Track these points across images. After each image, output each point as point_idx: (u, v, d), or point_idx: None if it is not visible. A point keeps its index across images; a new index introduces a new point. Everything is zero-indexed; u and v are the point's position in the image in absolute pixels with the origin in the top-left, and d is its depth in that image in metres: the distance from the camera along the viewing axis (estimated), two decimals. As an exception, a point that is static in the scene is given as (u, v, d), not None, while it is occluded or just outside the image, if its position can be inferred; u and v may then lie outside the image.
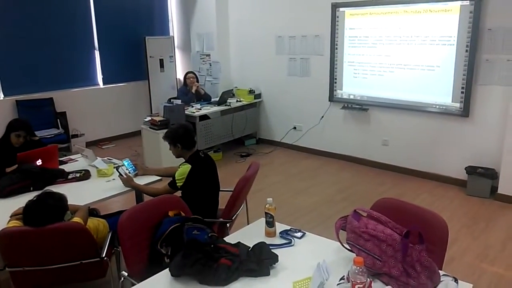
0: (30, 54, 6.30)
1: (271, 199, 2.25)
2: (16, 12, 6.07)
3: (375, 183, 5.24)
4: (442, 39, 4.88)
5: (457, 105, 4.90)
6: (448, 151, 5.11)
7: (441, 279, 1.77)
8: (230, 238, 2.23)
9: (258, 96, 6.90)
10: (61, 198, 2.51)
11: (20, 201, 2.77)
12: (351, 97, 5.85)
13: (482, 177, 4.70)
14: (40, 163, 3.39)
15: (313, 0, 5.97)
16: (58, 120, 6.47)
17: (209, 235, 2.25)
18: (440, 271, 1.81)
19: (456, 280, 1.78)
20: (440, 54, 4.92)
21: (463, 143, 4.98)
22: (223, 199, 3.17)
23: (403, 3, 5.11)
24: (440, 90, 5.01)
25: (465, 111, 4.85)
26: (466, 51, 4.70)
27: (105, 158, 3.83)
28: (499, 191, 4.63)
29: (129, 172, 3.30)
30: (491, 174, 4.68)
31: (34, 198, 2.45)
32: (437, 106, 5.07)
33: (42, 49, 6.41)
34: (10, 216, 2.55)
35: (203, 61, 7.32)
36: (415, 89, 5.22)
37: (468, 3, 4.61)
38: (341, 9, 5.67)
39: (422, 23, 5.00)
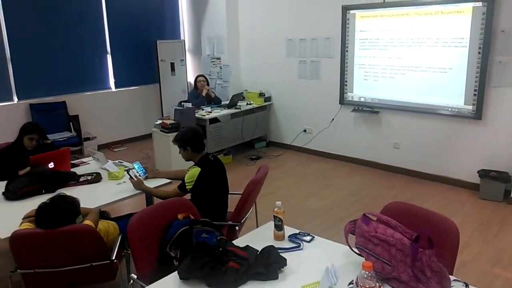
0: (43, 58, 6.40)
1: (279, 202, 2.24)
2: (30, 17, 6.17)
3: (386, 187, 5.20)
4: (454, 41, 4.83)
5: (470, 107, 4.84)
6: (460, 154, 5.05)
7: (452, 285, 1.74)
8: (239, 242, 2.23)
9: (268, 99, 6.90)
10: (74, 202, 2.54)
11: (32, 204, 2.80)
12: (362, 99, 5.82)
13: (495, 181, 4.63)
14: (53, 166, 3.43)
15: (324, 2, 5.97)
16: (71, 123, 6.55)
17: (218, 238, 2.25)
18: (450, 276, 1.79)
19: (467, 286, 1.76)
20: (452, 56, 4.87)
21: (476, 146, 4.91)
22: (233, 202, 3.18)
23: (415, 5, 5.07)
24: (452, 93, 4.96)
25: (477, 114, 4.79)
26: (479, 53, 4.65)
27: (116, 161, 3.86)
28: (513, 195, 4.57)
29: (140, 175, 3.32)
30: (504, 178, 4.61)
31: (47, 201, 2.48)
32: (449, 109, 5.02)
33: (55, 53, 6.51)
34: (23, 218, 2.59)
35: (213, 64, 7.35)
36: (426, 91, 5.17)
37: (481, 5, 4.56)
38: (351, 11, 5.65)
39: (434, 25, 4.95)
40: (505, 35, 4.50)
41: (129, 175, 3.23)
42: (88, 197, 3.02)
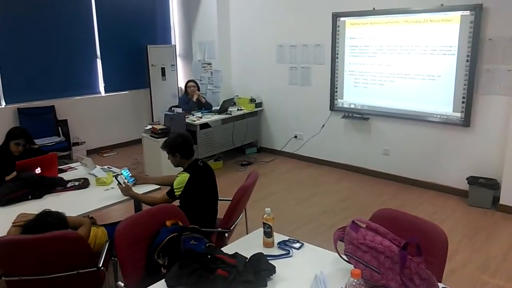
0: (32, 62, 6.33)
1: (269, 209, 2.23)
2: (18, 21, 6.11)
3: (376, 193, 5.21)
4: (442, 49, 4.89)
5: (458, 114, 4.89)
6: (449, 161, 5.09)
7: (440, 292, 1.75)
8: (228, 249, 2.21)
9: (259, 104, 6.91)
10: (60, 217, 2.53)
11: (18, 209, 2.78)
12: (352, 106, 5.85)
13: (484, 188, 4.67)
14: (39, 171, 3.39)
15: (314, 9, 6.01)
16: (60, 128, 6.48)
17: (207, 245, 2.23)
18: (439, 283, 1.79)
19: (455, 293, 1.76)
20: (441, 63, 4.92)
21: (464, 153, 4.95)
22: (222, 208, 3.15)
23: (404, 13, 5.12)
24: (441, 100, 5.00)
25: (466, 121, 4.83)
26: (467, 60, 4.70)
27: (105, 167, 3.83)
28: (501, 201, 4.60)
29: (128, 182, 3.29)
30: (492, 185, 4.65)
31: (33, 219, 2.46)
32: (438, 116, 5.06)
33: (44, 57, 6.45)
34: (12, 223, 2.56)
35: (204, 69, 7.34)
36: (415, 98, 5.21)
37: (469, 13, 4.62)
38: (341, 18, 5.69)
39: (423, 33, 5.00)
40: (492, 44, 4.56)
41: (117, 181, 3.20)
42: (75, 203, 2.99)
